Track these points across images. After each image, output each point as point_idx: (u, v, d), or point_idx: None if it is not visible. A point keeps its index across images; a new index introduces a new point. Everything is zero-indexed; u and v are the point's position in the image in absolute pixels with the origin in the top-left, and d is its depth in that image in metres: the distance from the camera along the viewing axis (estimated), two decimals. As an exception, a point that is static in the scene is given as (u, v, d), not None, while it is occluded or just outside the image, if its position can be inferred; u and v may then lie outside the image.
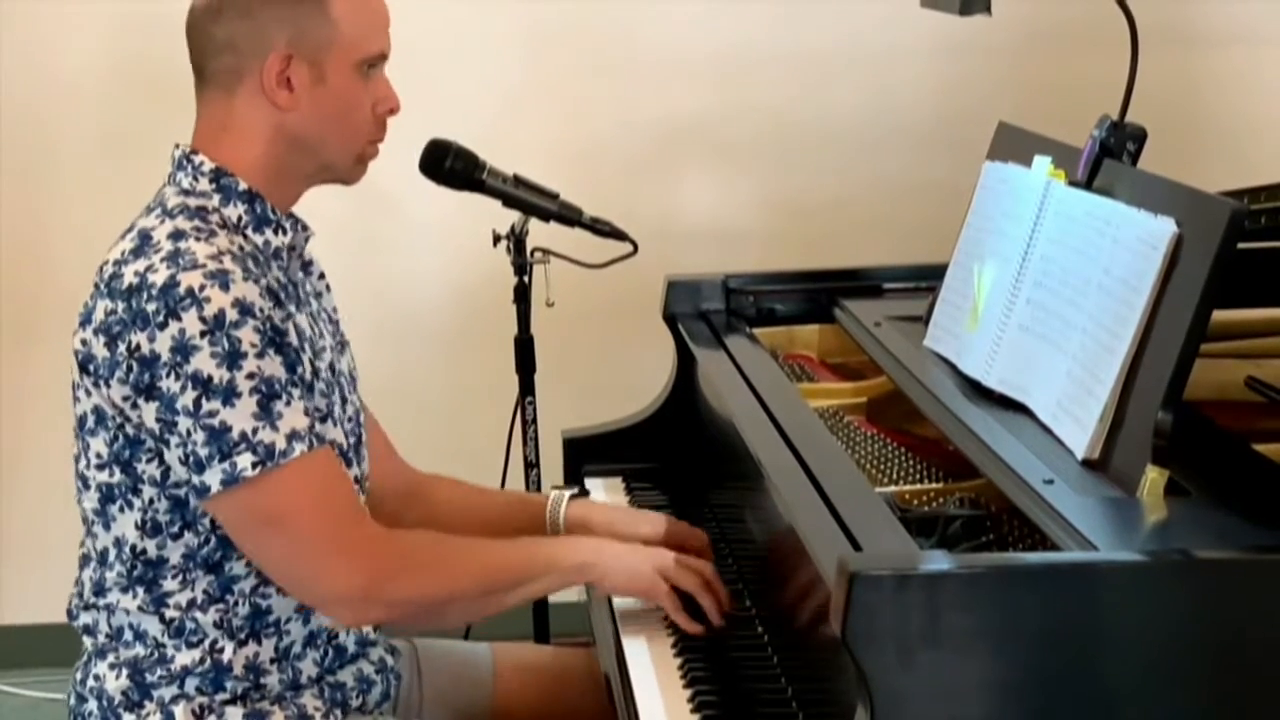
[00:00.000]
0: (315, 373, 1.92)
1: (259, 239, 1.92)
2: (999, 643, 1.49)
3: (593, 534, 2.17)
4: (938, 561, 1.52)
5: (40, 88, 3.49)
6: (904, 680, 1.47)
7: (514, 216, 2.63)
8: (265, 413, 1.80)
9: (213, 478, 1.80)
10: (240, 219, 1.91)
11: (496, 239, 2.67)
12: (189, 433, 1.80)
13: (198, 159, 1.92)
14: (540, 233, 2.65)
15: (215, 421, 1.79)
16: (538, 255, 2.67)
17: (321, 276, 2.12)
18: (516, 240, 2.65)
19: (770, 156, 3.60)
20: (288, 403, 1.82)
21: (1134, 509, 1.70)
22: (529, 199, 2.56)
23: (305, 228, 2.00)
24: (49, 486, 3.61)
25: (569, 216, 2.57)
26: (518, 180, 2.55)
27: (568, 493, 2.24)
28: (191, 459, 1.81)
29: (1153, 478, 1.70)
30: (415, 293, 3.61)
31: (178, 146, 1.95)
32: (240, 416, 1.79)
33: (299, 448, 1.81)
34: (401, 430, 3.58)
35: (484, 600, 1.96)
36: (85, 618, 1.96)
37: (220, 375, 1.79)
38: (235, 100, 1.91)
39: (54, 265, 3.52)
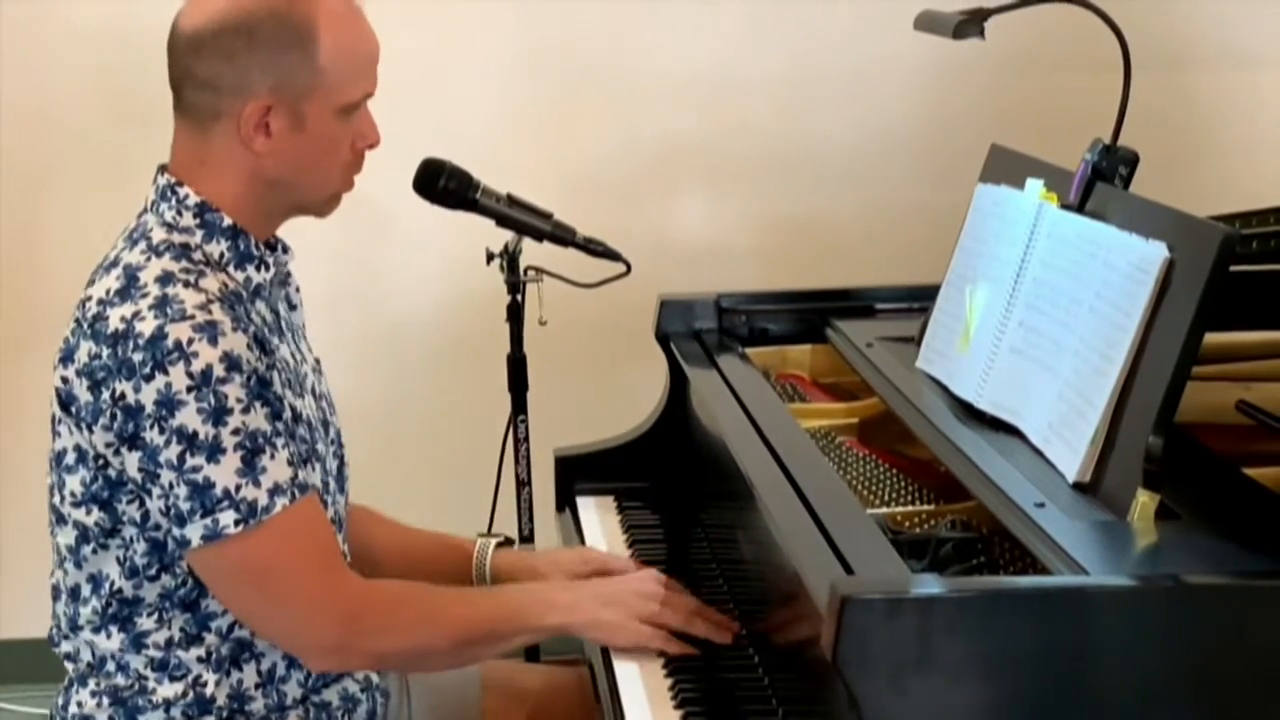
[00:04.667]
0: (297, 416, 1.91)
1: (240, 276, 1.90)
2: (990, 666, 1.49)
3: (518, 580, 2.13)
4: (929, 585, 1.52)
5: (36, 100, 3.49)
6: (895, 704, 1.47)
7: (507, 235, 2.62)
8: (249, 468, 1.79)
9: (194, 532, 1.79)
10: (223, 255, 1.89)
11: (490, 258, 2.67)
12: (171, 485, 1.79)
13: (182, 191, 1.89)
14: (533, 252, 2.65)
15: (199, 477, 1.78)
16: (531, 274, 2.66)
17: (298, 290, 2.10)
18: (510, 259, 2.65)
19: (763, 176, 3.60)
20: (271, 455, 1.81)
21: (1125, 532, 1.70)
22: (522, 218, 2.56)
23: (285, 249, 2.00)
24: (43, 501, 3.60)
25: (562, 236, 2.57)
26: (511, 200, 2.55)
27: (493, 541, 2.22)
28: (173, 511, 1.80)
29: (1144, 501, 1.70)
30: (408, 311, 3.61)
31: (161, 172, 1.92)
32: (224, 473, 1.78)
33: (281, 502, 1.80)
34: (393, 447, 3.60)
35: (460, 653, 1.96)
36: (66, 646, 1.96)
37: (205, 431, 1.77)
38: (211, 137, 1.87)
39: (49, 277, 3.51)
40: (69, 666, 1.97)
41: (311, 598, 1.85)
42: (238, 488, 1.79)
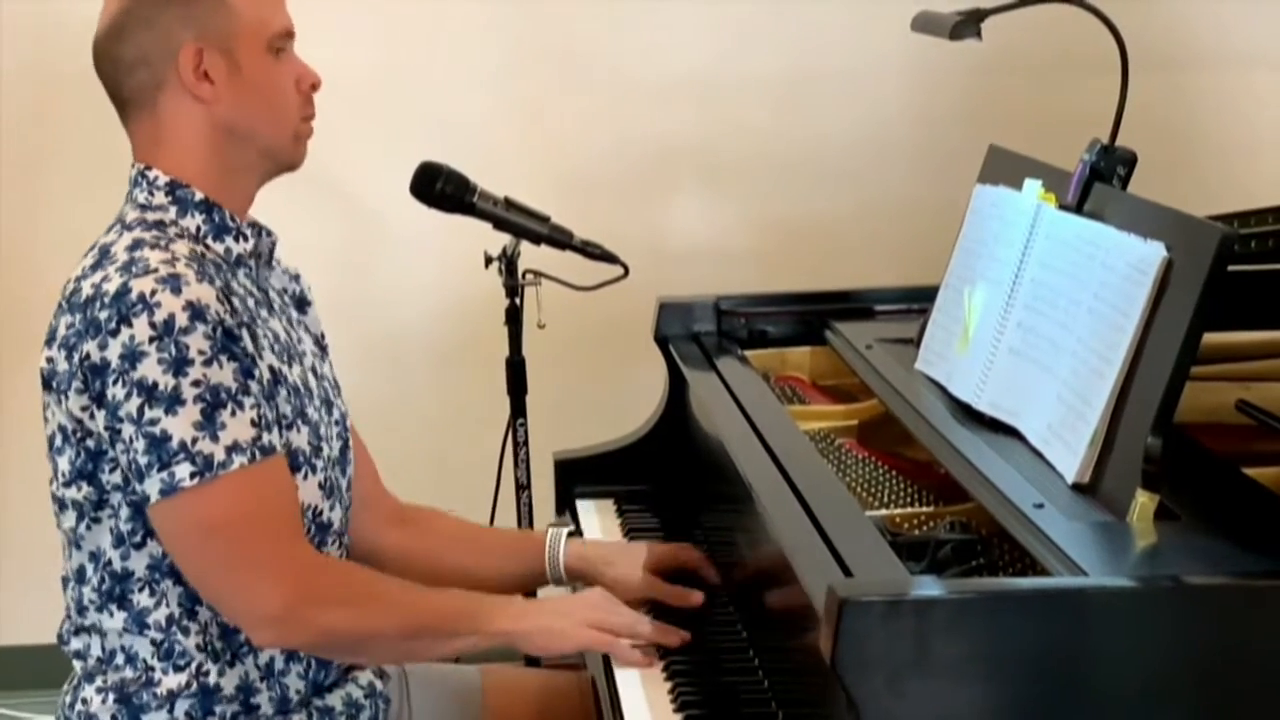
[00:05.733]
0: (278, 379, 1.90)
1: (219, 247, 1.92)
2: (989, 668, 1.49)
3: (592, 569, 2.18)
4: (928, 587, 1.52)
5: (32, 98, 3.49)
6: (894, 706, 1.47)
7: (505, 239, 2.63)
8: (208, 422, 1.79)
9: (152, 487, 1.80)
10: (199, 228, 1.92)
11: (488, 261, 2.67)
12: (131, 440, 1.80)
13: (151, 174, 1.93)
14: (531, 255, 2.65)
15: (156, 430, 1.78)
16: (529, 277, 2.67)
17: (310, 289, 2.12)
18: (508, 262, 2.65)
19: (761, 178, 3.60)
20: (233, 413, 1.80)
21: (1124, 533, 1.69)
22: (520, 222, 2.56)
23: (269, 234, 2.00)
24: (42, 506, 3.60)
25: (560, 239, 2.57)
26: (508, 203, 2.56)
27: (565, 530, 2.23)
28: (133, 467, 1.81)
29: (1143, 502, 1.70)
30: (406, 314, 3.61)
31: (134, 165, 1.96)
32: (181, 425, 1.78)
33: (239, 460, 1.80)
34: (392, 451, 3.57)
35: (406, 644, 1.95)
36: (76, 643, 1.96)
37: (165, 382, 1.78)
38: (160, 110, 1.92)
39: (48, 281, 3.50)
40: (76, 666, 1.97)
41: (260, 561, 1.84)
42: (194, 440, 1.78)
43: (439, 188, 2.53)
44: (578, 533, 2.28)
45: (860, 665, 1.47)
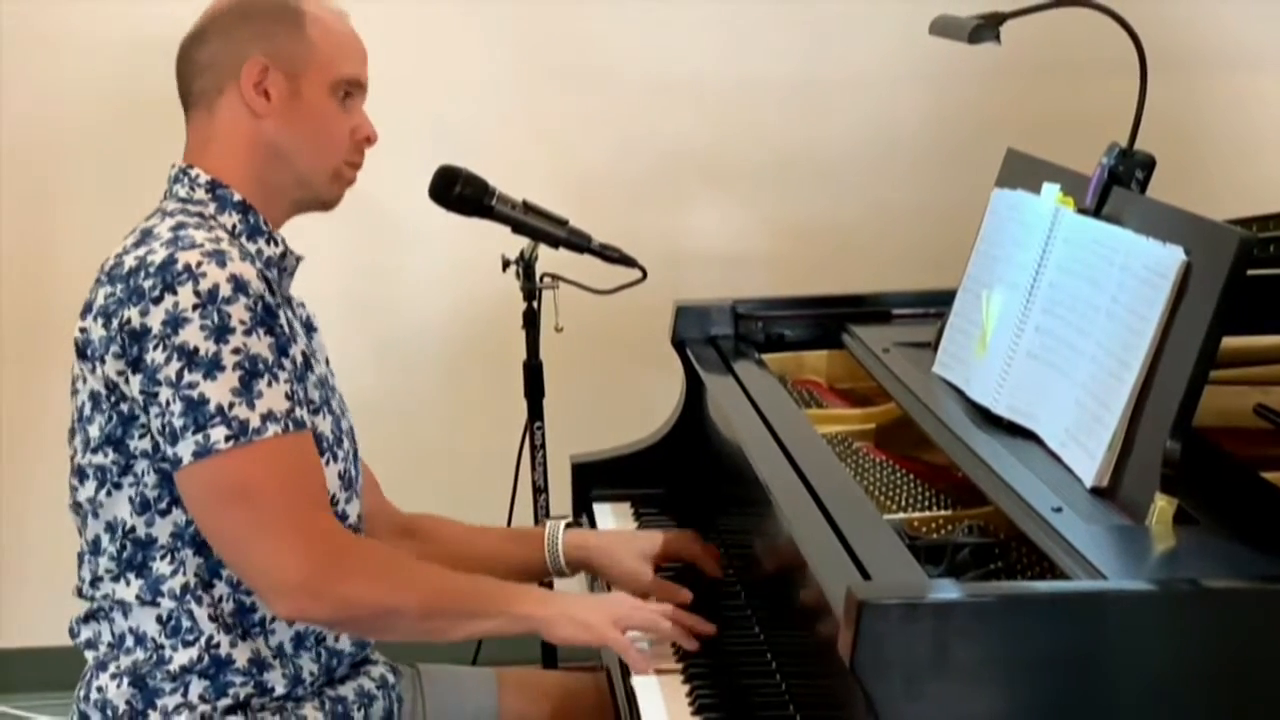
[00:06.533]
0: (310, 364, 1.96)
1: (252, 248, 1.97)
2: (1008, 672, 1.49)
3: (591, 558, 2.21)
4: (946, 590, 1.52)
5: (45, 110, 3.50)
6: (913, 709, 1.47)
7: (523, 242, 2.63)
8: (245, 389, 1.83)
9: (185, 449, 1.82)
10: (235, 227, 1.97)
11: (505, 264, 2.67)
12: (168, 403, 1.82)
13: (193, 171, 1.99)
14: (549, 258, 2.65)
15: (194, 393, 1.81)
16: (547, 281, 2.67)
17: (315, 316, 2.15)
18: (525, 266, 2.66)
19: (777, 181, 3.60)
20: (269, 383, 1.84)
21: (1143, 538, 1.69)
22: (538, 225, 2.57)
23: (294, 251, 2.04)
24: (50, 509, 3.59)
25: (578, 243, 2.57)
26: (527, 206, 2.56)
27: (563, 521, 2.25)
28: (167, 430, 1.83)
29: (1161, 506, 1.70)
30: (424, 317, 3.62)
31: (174, 165, 2.01)
32: (219, 390, 1.82)
33: (273, 428, 1.83)
34: (409, 454, 3.60)
35: (428, 623, 1.94)
36: (86, 631, 1.98)
37: (206, 348, 1.82)
38: (216, 113, 1.99)
39: (56, 290, 3.53)
40: (88, 656, 1.99)
41: (285, 528, 1.84)
42: (231, 405, 1.82)
43: (458, 191, 2.53)
44: (577, 523, 2.28)
45: (879, 667, 1.47)
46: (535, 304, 2.68)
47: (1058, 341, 1.97)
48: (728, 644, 2.03)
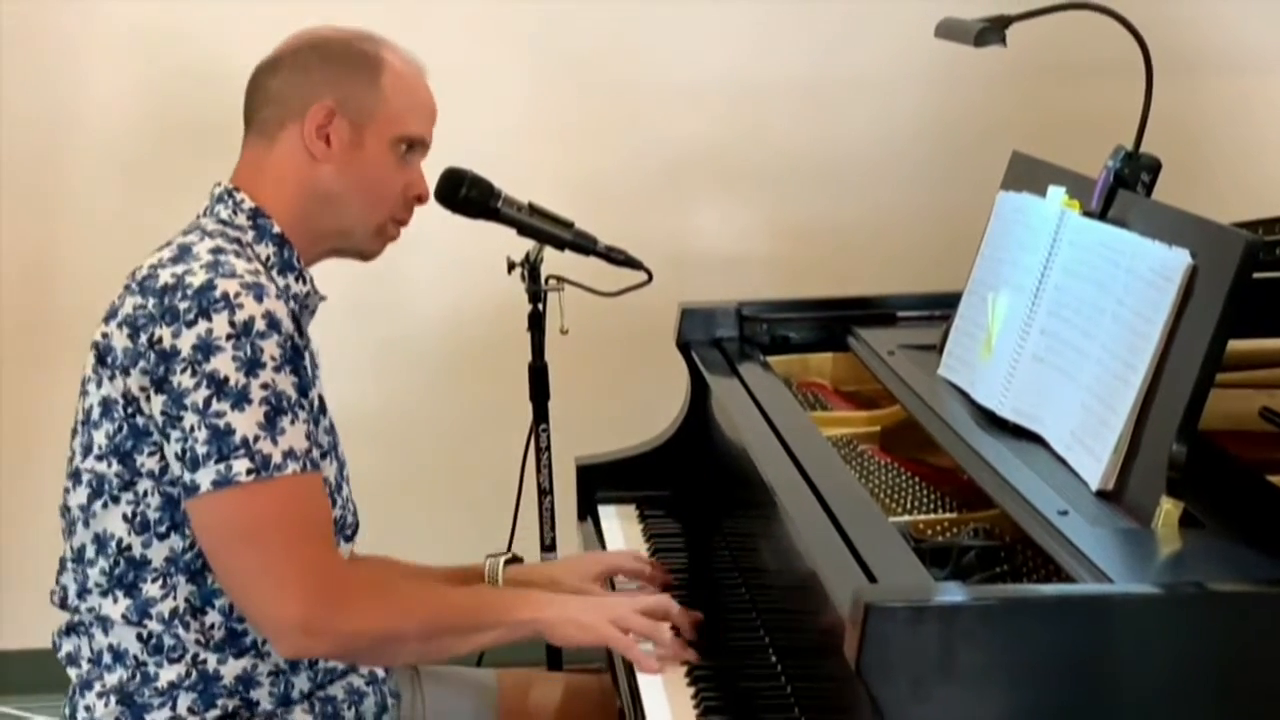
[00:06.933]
0: (324, 408, 1.97)
1: (281, 282, 1.97)
2: (1013, 674, 1.49)
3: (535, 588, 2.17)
4: (952, 593, 1.52)
5: (45, 111, 3.50)
6: (919, 712, 1.47)
7: (528, 244, 2.63)
8: (270, 425, 1.83)
9: (205, 477, 1.82)
10: (269, 259, 1.97)
11: (511, 266, 2.67)
12: (192, 429, 1.82)
13: (239, 195, 1.98)
14: (555, 260, 2.65)
15: (221, 423, 1.81)
16: (552, 283, 2.67)
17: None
18: (531, 268, 2.65)
19: (782, 183, 3.60)
20: (292, 421, 1.84)
21: (1148, 541, 1.69)
22: (543, 227, 2.56)
23: (318, 291, 2.05)
24: (46, 510, 3.59)
25: (583, 245, 2.57)
26: (532, 209, 2.56)
27: (502, 559, 2.25)
28: (189, 455, 1.83)
29: (1167, 509, 1.70)
30: (430, 319, 3.62)
31: (219, 184, 2.01)
32: (246, 422, 1.82)
33: (292, 466, 1.84)
34: (415, 457, 3.60)
35: (431, 644, 1.95)
36: (67, 645, 1.97)
37: (237, 379, 1.82)
38: (275, 145, 1.99)
39: (59, 295, 3.53)
40: (71, 673, 1.98)
41: (292, 569, 1.85)
42: (256, 439, 1.82)
43: (463, 193, 2.53)
44: (517, 560, 2.27)
45: (885, 670, 1.47)
46: (541, 306, 2.68)
47: (1063, 344, 1.97)
48: (733, 646, 2.03)
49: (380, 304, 3.58)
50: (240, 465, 1.81)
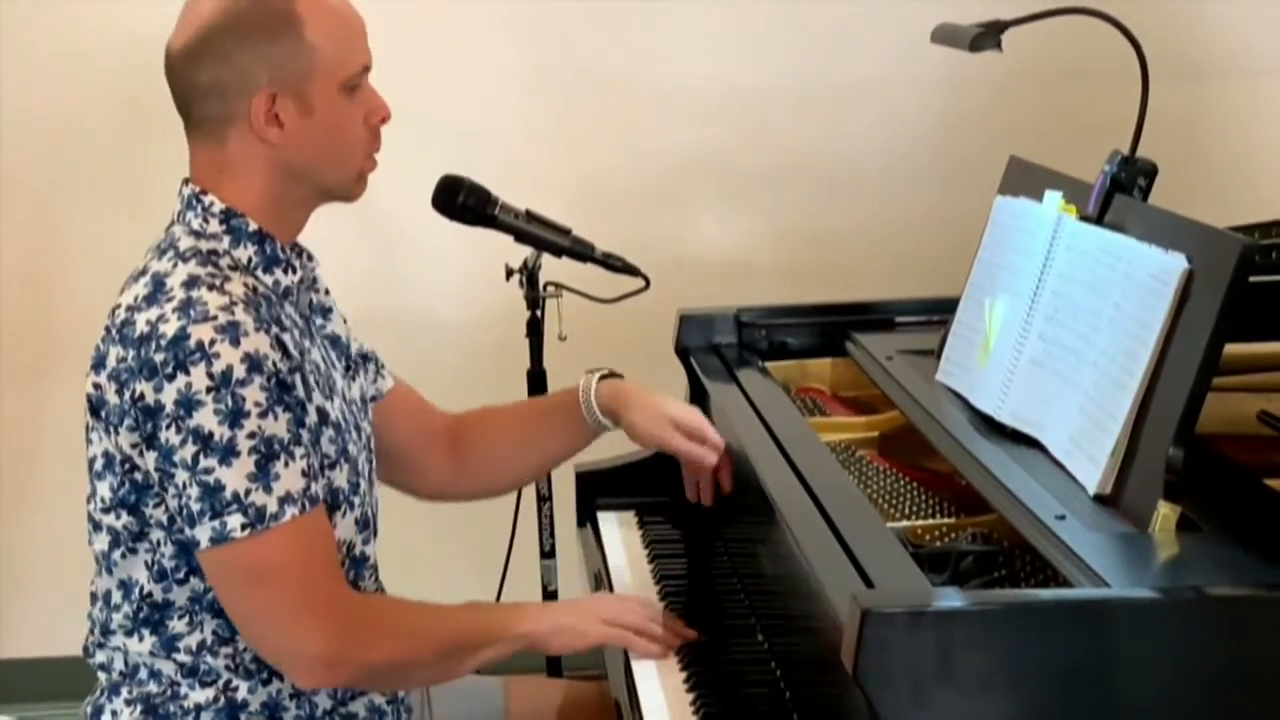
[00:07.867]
0: (324, 418, 1.92)
1: (269, 279, 1.92)
2: (1011, 679, 1.49)
3: (629, 407, 2.23)
4: (950, 599, 1.52)
5: (46, 111, 3.50)
6: (916, 717, 1.48)
7: (526, 251, 2.63)
8: (262, 473, 1.80)
9: (202, 534, 1.81)
10: (250, 260, 1.91)
11: (509, 273, 2.68)
12: (184, 486, 1.80)
13: (207, 199, 1.91)
14: (552, 267, 2.65)
15: (210, 479, 1.79)
16: (550, 290, 2.67)
17: (328, 292, 2.12)
18: (529, 275, 2.66)
19: (780, 189, 3.60)
20: (286, 464, 1.82)
21: (1146, 545, 1.70)
22: (541, 234, 2.56)
23: (311, 257, 2.01)
24: (56, 519, 3.61)
25: (581, 252, 2.57)
26: (530, 216, 2.56)
27: (596, 375, 2.28)
28: (184, 512, 1.82)
29: (1165, 513, 1.70)
30: (428, 326, 3.62)
31: (185, 183, 1.94)
32: (235, 476, 1.79)
33: (290, 511, 1.81)
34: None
35: (442, 665, 1.96)
36: (100, 656, 1.97)
37: (221, 433, 1.78)
38: (227, 143, 1.90)
39: (62, 300, 3.53)
40: (102, 677, 1.98)
41: (304, 607, 1.85)
42: (248, 492, 1.79)
43: (461, 201, 2.53)
44: (613, 374, 2.30)
45: (883, 676, 1.47)
46: (539, 313, 2.69)
47: (1061, 349, 1.97)
48: (732, 651, 2.03)
49: (378, 311, 3.56)
50: (234, 521, 1.79)
